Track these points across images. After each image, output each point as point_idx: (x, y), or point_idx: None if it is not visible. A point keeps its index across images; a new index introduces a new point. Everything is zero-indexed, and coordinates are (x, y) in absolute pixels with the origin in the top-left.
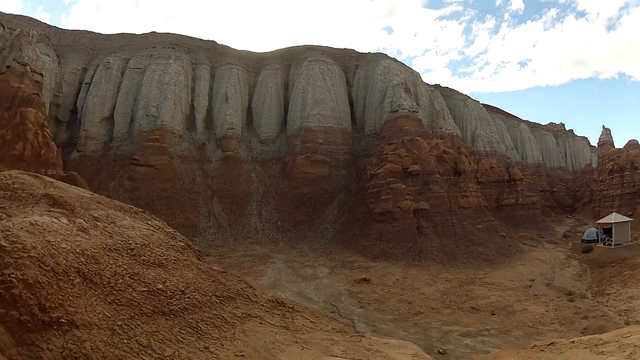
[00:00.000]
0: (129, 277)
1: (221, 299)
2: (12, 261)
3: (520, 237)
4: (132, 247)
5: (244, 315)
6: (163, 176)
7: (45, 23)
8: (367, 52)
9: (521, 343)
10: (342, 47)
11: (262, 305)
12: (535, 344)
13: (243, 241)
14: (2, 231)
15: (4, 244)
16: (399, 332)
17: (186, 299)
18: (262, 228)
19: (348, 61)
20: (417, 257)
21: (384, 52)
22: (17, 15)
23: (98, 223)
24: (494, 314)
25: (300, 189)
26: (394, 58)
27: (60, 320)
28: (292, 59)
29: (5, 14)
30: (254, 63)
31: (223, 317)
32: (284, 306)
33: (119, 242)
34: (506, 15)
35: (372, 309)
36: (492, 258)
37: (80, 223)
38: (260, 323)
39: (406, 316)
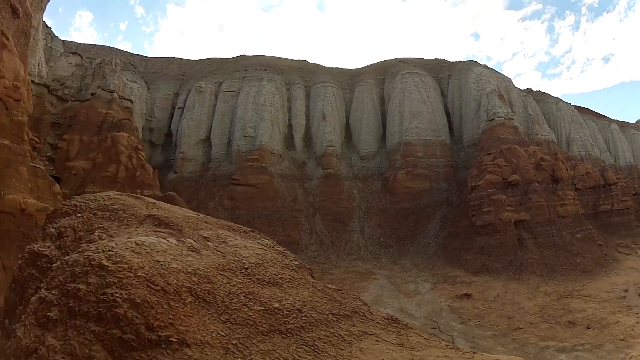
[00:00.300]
0: (244, 296)
1: (337, 317)
2: (115, 280)
3: (616, 245)
4: (246, 266)
5: (360, 333)
6: (264, 195)
7: (127, 52)
8: (457, 60)
9: (612, 358)
10: (433, 58)
11: (378, 322)
12: (633, 355)
13: (345, 257)
14: (103, 251)
15: (106, 264)
16: (498, 349)
17: (303, 318)
18: (364, 244)
19: (440, 71)
20: (517, 270)
21: (474, 60)
22: (96, 45)
23: (209, 243)
24: (589, 328)
25: (402, 204)
26: (485, 65)
27: (169, 339)
28: (385, 73)
29: (81, 44)
30: (347, 79)
31: (340, 335)
32: (399, 323)
33: (232, 261)
34: (583, 9)
35: (473, 325)
36: (590, 269)
37: (190, 243)
38: (377, 340)
39: (505, 332)
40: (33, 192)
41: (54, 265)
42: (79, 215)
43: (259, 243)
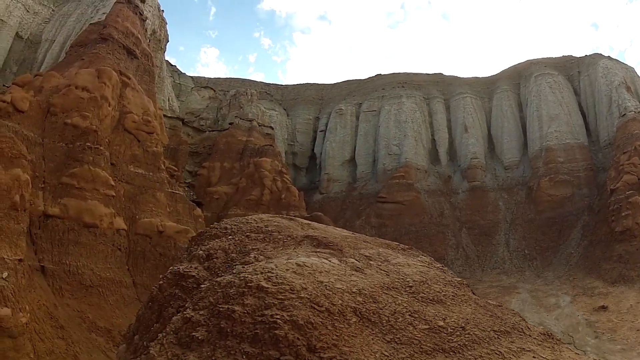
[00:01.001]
0: (409, 315)
1: (498, 333)
2: (276, 302)
3: None
4: (410, 284)
5: (518, 349)
6: (411, 211)
7: (261, 82)
8: (584, 55)
9: None
10: (561, 55)
11: (535, 338)
12: None
13: (490, 272)
14: (262, 272)
15: (266, 285)
16: None
17: (466, 335)
18: (509, 257)
19: (569, 69)
20: None
21: (598, 52)
22: (227, 78)
23: (371, 262)
24: None
25: (546, 214)
26: (609, 56)
27: None
28: (519, 77)
29: (212, 78)
30: (484, 88)
31: (500, 352)
32: (553, 338)
33: (397, 280)
34: None
35: (605, 339)
36: None
37: (352, 263)
38: (534, 357)
39: (632, 345)
40: (172, 215)
41: (202, 286)
42: (230, 237)
43: (419, 260)
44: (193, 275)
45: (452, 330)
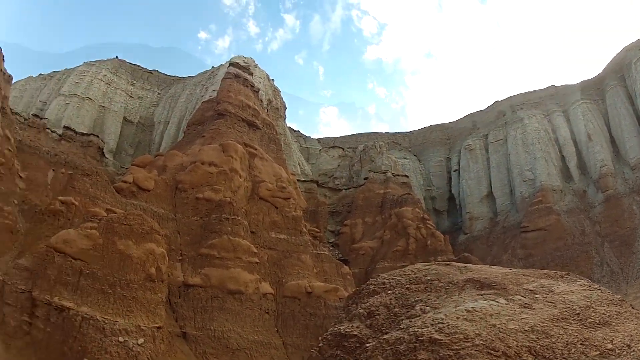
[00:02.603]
0: (580, 344)
1: None
2: (451, 353)
3: None
4: (577, 312)
5: None
6: (553, 235)
7: (386, 133)
8: None
9: None
10: None
11: None
12: None
13: (633, 283)
14: (432, 324)
15: (438, 337)
16: None
17: (632, 353)
18: None
19: None
20: None
21: None
22: (353, 134)
23: (537, 295)
24: None
25: None
26: None
27: None
28: (622, 69)
29: (337, 137)
30: (594, 89)
31: None
32: None
33: (564, 309)
34: None
35: None
36: None
37: (519, 300)
38: None
39: None
40: (319, 275)
41: (367, 345)
42: (389, 292)
43: (579, 285)
44: (355, 334)
45: (619, 352)
